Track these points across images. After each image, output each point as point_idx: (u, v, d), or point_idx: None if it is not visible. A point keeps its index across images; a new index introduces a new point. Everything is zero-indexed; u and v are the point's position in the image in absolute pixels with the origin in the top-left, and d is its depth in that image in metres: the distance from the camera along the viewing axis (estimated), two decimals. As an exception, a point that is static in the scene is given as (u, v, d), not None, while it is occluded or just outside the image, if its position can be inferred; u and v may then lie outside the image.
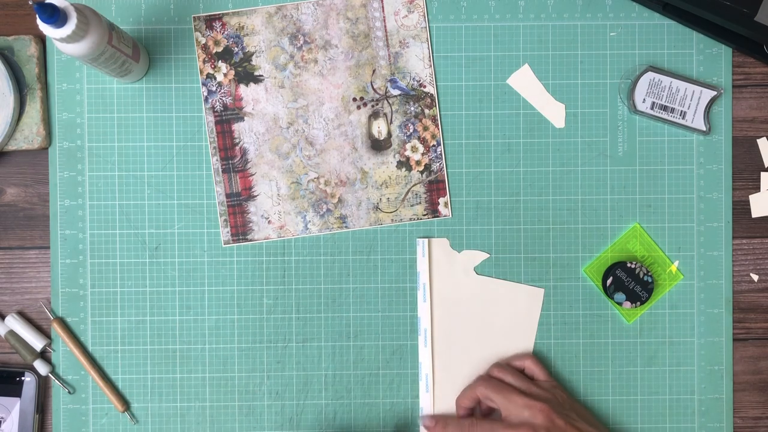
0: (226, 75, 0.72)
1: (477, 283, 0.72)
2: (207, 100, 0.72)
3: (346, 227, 0.72)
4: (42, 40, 0.72)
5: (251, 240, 0.72)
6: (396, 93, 0.72)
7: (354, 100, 0.72)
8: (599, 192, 0.73)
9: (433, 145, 0.72)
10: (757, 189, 0.73)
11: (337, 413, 0.72)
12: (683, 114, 0.71)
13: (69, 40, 0.58)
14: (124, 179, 0.72)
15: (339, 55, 0.72)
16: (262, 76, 0.72)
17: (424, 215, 0.72)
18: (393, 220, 0.72)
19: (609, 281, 0.70)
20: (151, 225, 0.72)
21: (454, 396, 0.72)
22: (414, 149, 0.72)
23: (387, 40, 0.72)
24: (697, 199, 0.73)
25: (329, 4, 0.72)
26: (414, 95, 0.72)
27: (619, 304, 0.71)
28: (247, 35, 0.72)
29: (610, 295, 0.70)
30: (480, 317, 0.72)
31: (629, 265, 0.70)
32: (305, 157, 0.72)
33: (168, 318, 0.72)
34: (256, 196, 0.72)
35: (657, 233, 0.73)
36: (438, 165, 0.72)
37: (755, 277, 0.73)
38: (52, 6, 0.56)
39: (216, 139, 0.72)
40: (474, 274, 0.72)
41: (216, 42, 0.72)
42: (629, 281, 0.70)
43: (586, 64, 0.73)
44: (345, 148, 0.72)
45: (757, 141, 0.73)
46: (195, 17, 0.72)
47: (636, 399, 0.73)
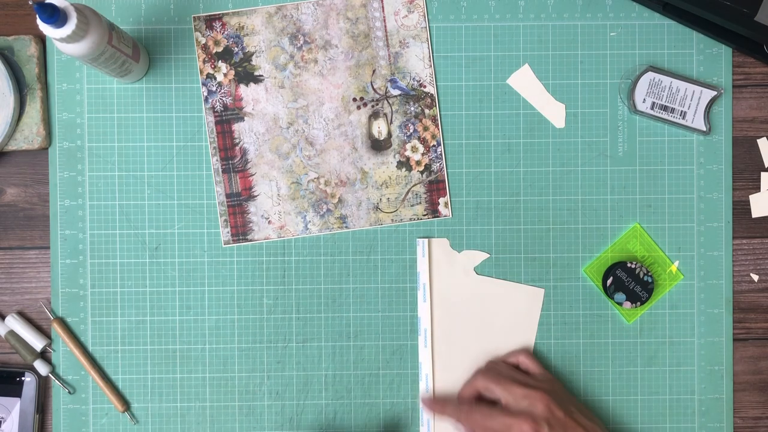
0: (226, 75, 0.72)
1: (477, 283, 0.72)
2: (207, 100, 0.72)
3: (346, 227, 0.72)
4: (42, 40, 0.72)
5: (251, 240, 0.72)
6: (396, 93, 0.72)
7: (354, 100, 0.72)
8: (599, 192, 0.73)
9: (433, 145, 0.72)
10: (757, 189, 0.73)
11: (337, 413, 0.72)
12: (683, 114, 0.71)
13: (69, 40, 0.58)
14: (124, 179, 0.72)
15: (339, 55, 0.72)
16: (262, 76, 0.72)
17: (424, 215, 0.72)
18: (393, 220, 0.72)
19: (609, 281, 0.70)
20: (151, 225, 0.72)
21: (453, 396, 0.72)
22: (414, 149, 0.72)
23: (387, 40, 0.72)
24: (697, 199, 0.73)
25: (329, 4, 0.72)
26: (414, 95, 0.72)
27: (619, 304, 0.71)
28: (247, 35, 0.72)
29: (610, 295, 0.70)
30: (480, 317, 0.72)
31: (629, 265, 0.70)
32: (305, 157, 0.72)
33: (168, 318, 0.72)
34: (256, 196, 0.72)
35: (657, 233, 0.73)
36: (438, 165, 0.72)
37: (755, 277, 0.73)
38: (52, 6, 0.56)
39: (216, 139, 0.72)
40: (474, 274, 0.72)
41: (216, 42, 0.72)
42: (629, 281, 0.70)
43: (586, 64, 0.73)
44: (345, 148, 0.72)
45: (757, 141, 0.73)
46: (195, 17, 0.72)
47: (636, 399, 0.73)
